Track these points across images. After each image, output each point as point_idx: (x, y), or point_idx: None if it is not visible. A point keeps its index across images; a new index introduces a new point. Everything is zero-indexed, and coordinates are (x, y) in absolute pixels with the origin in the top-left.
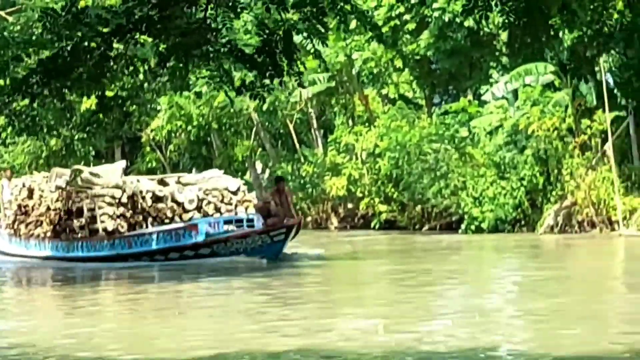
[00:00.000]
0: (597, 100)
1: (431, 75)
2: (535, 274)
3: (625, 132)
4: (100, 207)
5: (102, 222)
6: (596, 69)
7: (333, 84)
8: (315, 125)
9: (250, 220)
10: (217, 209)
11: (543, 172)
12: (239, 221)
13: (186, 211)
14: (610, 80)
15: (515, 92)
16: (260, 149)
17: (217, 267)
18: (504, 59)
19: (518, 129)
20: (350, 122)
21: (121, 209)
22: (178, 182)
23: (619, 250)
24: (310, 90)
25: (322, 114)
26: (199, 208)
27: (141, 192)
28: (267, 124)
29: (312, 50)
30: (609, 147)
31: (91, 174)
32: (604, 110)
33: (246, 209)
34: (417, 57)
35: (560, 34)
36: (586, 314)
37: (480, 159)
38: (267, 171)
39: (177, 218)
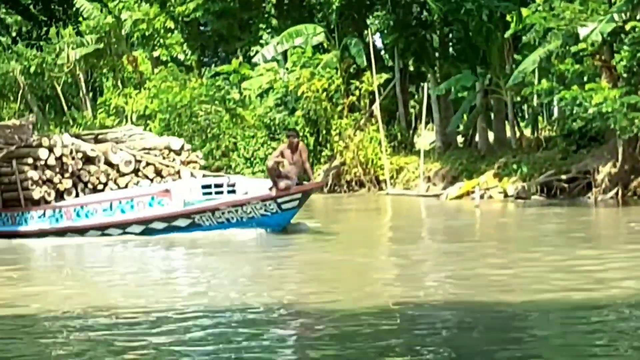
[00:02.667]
0: (365, 62)
1: (201, 37)
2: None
3: (392, 93)
4: (21, 171)
5: (26, 189)
6: (365, 31)
7: (101, 45)
8: (83, 87)
9: (231, 185)
10: (158, 172)
11: (313, 133)
12: (218, 186)
13: (122, 175)
14: (378, 42)
15: (285, 54)
16: (28, 112)
17: (202, 242)
18: (274, 21)
19: (288, 90)
20: (120, 84)
21: (48, 173)
22: (97, 139)
23: (387, 207)
24: (78, 52)
25: (91, 76)
26: (136, 171)
27: (71, 152)
28: (34, 86)
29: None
30: (376, 108)
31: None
32: (372, 72)
33: (191, 172)
34: (187, 19)
35: None
36: (364, 267)
37: (251, 121)
38: (35, 134)
39: (111, 183)
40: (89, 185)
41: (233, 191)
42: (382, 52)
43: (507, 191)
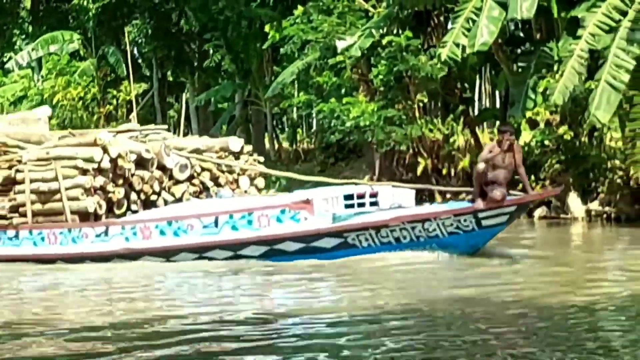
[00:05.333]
0: (123, 70)
1: None
2: None
3: (150, 102)
4: (67, 176)
5: (74, 199)
6: (122, 39)
7: None
8: None
9: (374, 195)
10: (215, 179)
11: None
12: (360, 197)
13: (176, 182)
14: (136, 51)
15: (40, 61)
16: None
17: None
18: (29, 27)
19: (43, 98)
20: None
21: (100, 179)
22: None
23: None
24: None
25: None
26: (190, 177)
27: (126, 153)
28: None
29: None
30: (133, 117)
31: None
32: (130, 81)
33: (252, 178)
34: None
35: (86, 2)
36: None
37: None
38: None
39: (164, 192)
40: (141, 195)
41: (375, 202)
42: (140, 61)
43: None
